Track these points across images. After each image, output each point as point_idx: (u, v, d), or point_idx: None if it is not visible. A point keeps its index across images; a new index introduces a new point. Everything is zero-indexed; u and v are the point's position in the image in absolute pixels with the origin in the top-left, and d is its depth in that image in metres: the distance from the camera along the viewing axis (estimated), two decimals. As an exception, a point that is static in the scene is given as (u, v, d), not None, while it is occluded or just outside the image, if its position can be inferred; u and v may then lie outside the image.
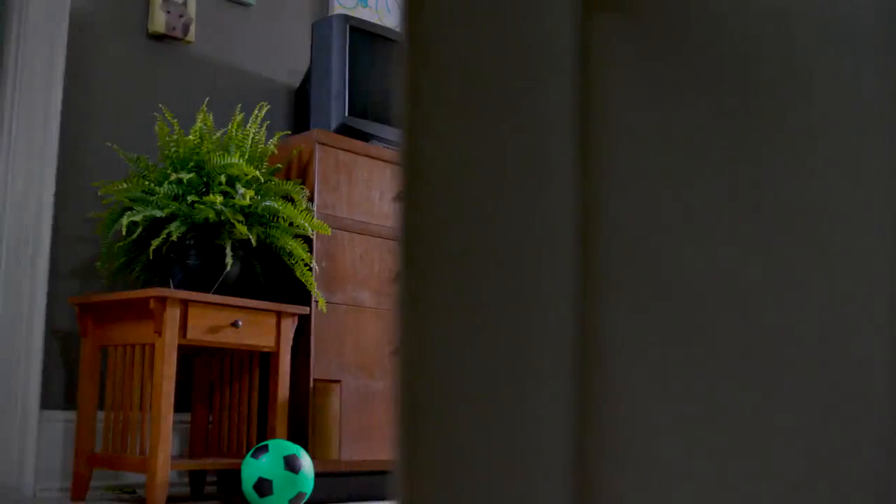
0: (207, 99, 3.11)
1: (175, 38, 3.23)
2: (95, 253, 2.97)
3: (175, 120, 2.80)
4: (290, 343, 2.79)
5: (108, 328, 2.69)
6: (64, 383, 2.88)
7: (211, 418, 3.01)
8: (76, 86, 2.99)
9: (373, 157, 3.12)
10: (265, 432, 2.84)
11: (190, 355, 3.09)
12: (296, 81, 3.58)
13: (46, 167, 2.89)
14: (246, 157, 2.73)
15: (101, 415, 2.83)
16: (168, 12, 3.20)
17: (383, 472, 2.98)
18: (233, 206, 2.65)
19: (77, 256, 2.94)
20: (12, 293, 2.80)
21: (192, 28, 3.27)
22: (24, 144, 2.86)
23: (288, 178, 2.99)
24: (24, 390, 2.78)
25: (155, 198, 2.66)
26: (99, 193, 2.83)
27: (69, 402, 2.89)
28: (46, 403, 2.84)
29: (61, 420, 2.85)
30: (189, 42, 3.27)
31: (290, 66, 3.60)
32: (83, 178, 2.98)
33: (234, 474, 3.00)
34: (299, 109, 3.49)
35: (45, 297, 2.84)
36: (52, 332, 2.86)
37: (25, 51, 2.91)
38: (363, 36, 3.26)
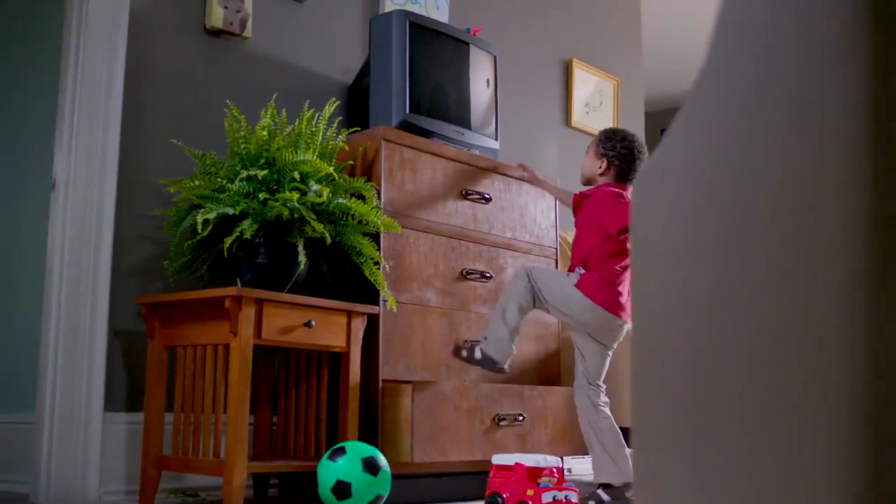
0: (276, 95, 3.06)
1: (232, 34, 3.18)
2: (155, 252, 2.91)
3: (242, 116, 2.75)
4: (360, 343, 2.74)
5: (177, 328, 2.64)
6: (126, 385, 2.83)
7: (275, 420, 2.96)
8: (135, 83, 2.94)
9: (436, 155, 3.07)
10: (334, 434, 2.79)
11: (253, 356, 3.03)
12: (348, 78, 3.53)
13: (108, 166, 2.84)
14: (316, 153, 2.68)
15: (167, 417, 2.77)
16: (226, 8, 3.15)
17: (456, 475, 2.93)
18: (305, 203, 2.59)
19: (137, 256, 2.89)
20: (74, 294, 2.75)
21: (249, 24, 3.22)
22: (84, 143, 2.81)
23: (352, 175, 2.94)
24: (88, 393, 2.73)
25: (224, 195, 2.61)
26: (171, 191, 2.78)
27: (132, 404, 2.83)
28: (109, 406, 2.78)
29: (124, 422, 2.80)
30: (246, 38, 3.22)
31: (342, 62, 3.55)
32: (142, 175, 2.93)
33: (299, 476, 2.95)
34: (353, 106, 3.44)
35: (107, 298, 2.79)
36: (113, 333, 2.81)
37: (86, 49, 2.85)
38: (423, 31, 3.21)
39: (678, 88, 7.21)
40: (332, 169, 2.64)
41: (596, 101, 4.74)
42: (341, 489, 2.43)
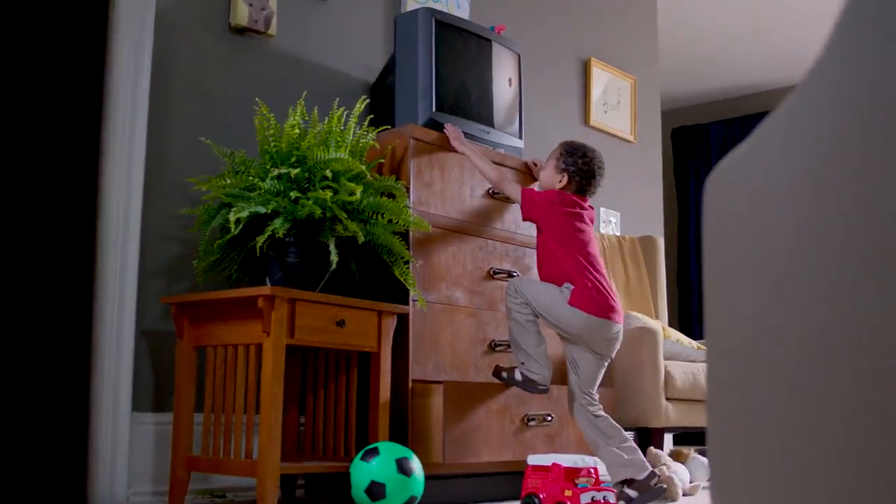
0: (305, 93, 3.04)
1: (257, 32, 3.16)
2: (181, 251, 2.89)
3: (271, 114, 2.73)
4: (391, 343, 2.72)
5: (207, 328, 2.62)
6: (153, 385, 2.81)
7: (302, 420, 2.94)
8: (161, 81, 2.92)
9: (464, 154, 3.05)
10: (363, 434, 2.77)
11: (277, 356, 3.01)
12: (371, 76, 3.51)
13: (134, 164, 2.81)
14: (347, 151, 2.66)
15: (195, 417, 2.75)
16: (250, 5, 3.13)
17: (485, 475, 2.91)
18: (337, 202, 2.57)
19: (163, 255, 2.87)
20: (101, 294, 2.72)
21: (274, 21, 3.20)
22: (111, 142, 2.79)
23: (380, 174, 2.92)
24: (116, 393, 2.71)
25: (254, 193, 2.59)
26: (201, 189, 2.75)
27: (159, 404, 2.81)
28: (136, 406, 2.76)
29: (151, 423, 2.78)
30: (270, 35, 3.20)
31: (364, 60, 3.53)
32: (168, 174, 2.90)
33: (326, 477, 2.93)
34: (377, 104, 3.42)
35: (135, 298, 2.76)
36: (140, 332, 2.79)
37: (113, 48, 2.83)
38: (449, 30, 3.19)
39: (689, 88, 7.20)
40: (364, 167, 2.62)
41: (613, 100, 4.73)
42: (375, 490, 2.42)
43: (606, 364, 2.86)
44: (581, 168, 2.87)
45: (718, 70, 6.83)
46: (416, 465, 2.48)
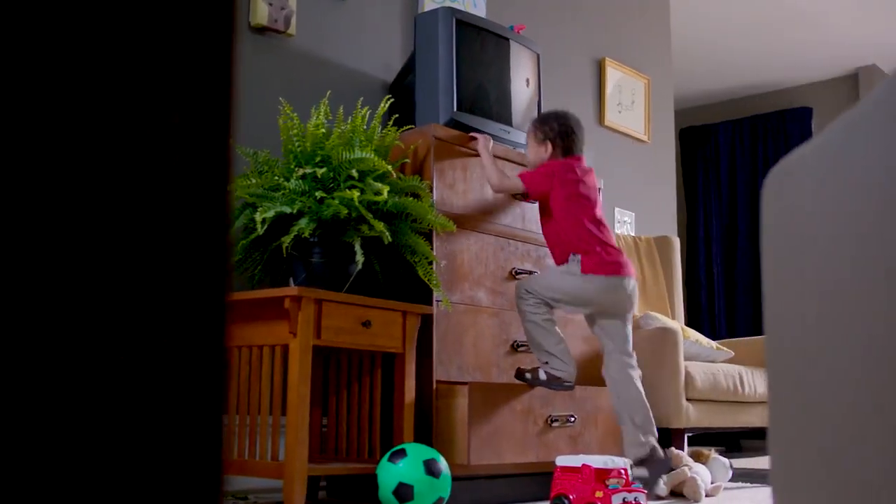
0: (329, 92, 3.02)
1: (277, 31, 3.15)
2: (203, 252, 2.87)
3: (295, 114, 2.71)
4: (415, 343, 2.70)
5: (231, 329, 2.60)
6: (175, 386, 2.79)
7: (325, 421, 2.92)
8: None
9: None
10: (388, 436, 2.75)
11: (298, 357, 2.99)
12: (389, 75, 3.50)
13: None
14: (372, 151, 2.64)
15: (219, 419, 2.73)
16: (270, 5, 3.11)
17: (509, 476, 2.89)
18: (363, 201, 2.56)
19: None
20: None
21: (293, 21, 3.19)
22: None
23: (402, 173, 2.90)
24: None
25: (279, 193, 2.57)
26: (226, 189, 2.73)
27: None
28: (158, 407, 2.74)
29: (174, 424, 2.76)
30: (290, 35, 3.19)
31: (383, 59, 3.52)
32: (189, 174, 2.88)
33: (348, 478, 2.91)
34: (395, 103, 3.40)
35: (157, 298, 2.74)
36: (163, 333, 2.77)
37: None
38: (468, 29, 3.18)
39: (697, 88, 7.19)
40: (389, 167, 2.60)
41: (628, 100, 4.72)
42: (403, 492, 2.40)
43: (630, 320, 2.92)
44: (559, 130, 2.94)
45: (726, 70, 6.82)
46: (443, 466, 2.46)
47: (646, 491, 2.58)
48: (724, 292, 7.19)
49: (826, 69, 6.81)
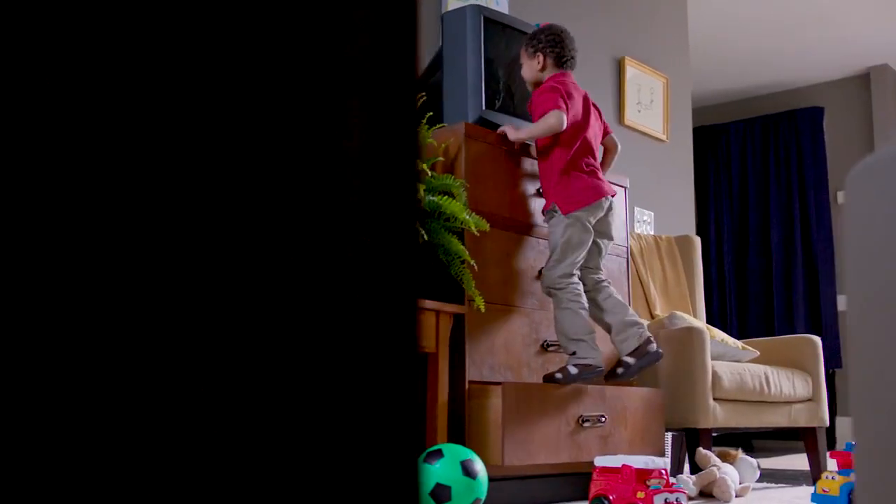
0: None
1: (304, 30, 3.13)
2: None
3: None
4: (448, 343, 2.69)
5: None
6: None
7: (355, 422, 2.90)
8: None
9: (516, 152, 3.02)
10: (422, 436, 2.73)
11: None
12: (413, 75, 3.47)
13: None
14: (406, 150, 2.63)
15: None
16: (298, 2, 3.09)
17: (542, 477, 2.88)
18: (397, 200, 2.54)
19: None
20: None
21: (320, 19, 3.16)
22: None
23: (432, 171, 2.89)
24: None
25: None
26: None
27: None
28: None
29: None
30: (317, 33, 3.17)
31: (407, 59, 3.50)
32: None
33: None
34: (422, 102, 3.39)
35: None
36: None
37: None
38: (495, 27, 3.16)
39: (709, 87, 7.18)
40: (424, 165, 2.59)
41: (647, 99, 4.70)
42: (441, 493, 2.38)
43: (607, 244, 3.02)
44: (548, 41, 3.00)
45: (738, 69, 6.81)
46: (480, 466, 2.44)
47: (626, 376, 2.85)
48: (736, 292, 7.18)
49: (838, 69, 6.80)
